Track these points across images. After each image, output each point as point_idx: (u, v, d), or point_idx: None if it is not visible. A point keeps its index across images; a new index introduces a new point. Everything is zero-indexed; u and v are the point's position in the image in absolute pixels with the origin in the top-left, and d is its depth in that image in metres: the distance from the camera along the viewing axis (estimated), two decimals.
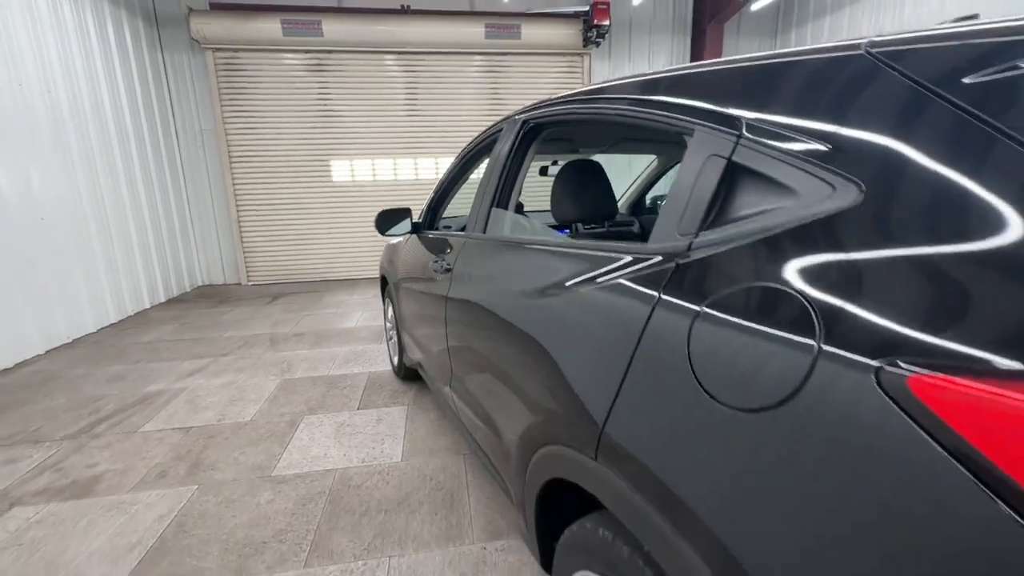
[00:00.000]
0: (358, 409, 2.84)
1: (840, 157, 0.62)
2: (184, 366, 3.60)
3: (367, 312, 5.09)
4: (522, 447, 1.16)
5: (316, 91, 6.31)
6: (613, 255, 0.95)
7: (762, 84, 0.78)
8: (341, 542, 1.77)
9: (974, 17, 0.98)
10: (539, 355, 1.09)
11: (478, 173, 2.04)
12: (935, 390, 0.45)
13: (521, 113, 1.62)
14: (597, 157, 2.69)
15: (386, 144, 6.62)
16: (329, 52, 6.19)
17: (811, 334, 0.56)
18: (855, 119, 0.63)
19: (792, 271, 0.61)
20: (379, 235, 2.52)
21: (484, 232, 1.63)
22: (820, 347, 0.55)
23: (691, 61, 7.10)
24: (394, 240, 3.12)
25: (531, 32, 6.30)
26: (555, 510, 1.13)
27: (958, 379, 0.44)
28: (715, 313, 0.68)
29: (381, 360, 3.64)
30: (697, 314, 0.71)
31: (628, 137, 2.44)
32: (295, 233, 6.67)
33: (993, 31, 0.56)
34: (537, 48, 6.53)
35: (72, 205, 4.38)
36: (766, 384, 0.59)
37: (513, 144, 1.59)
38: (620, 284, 0.89)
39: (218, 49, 5.96)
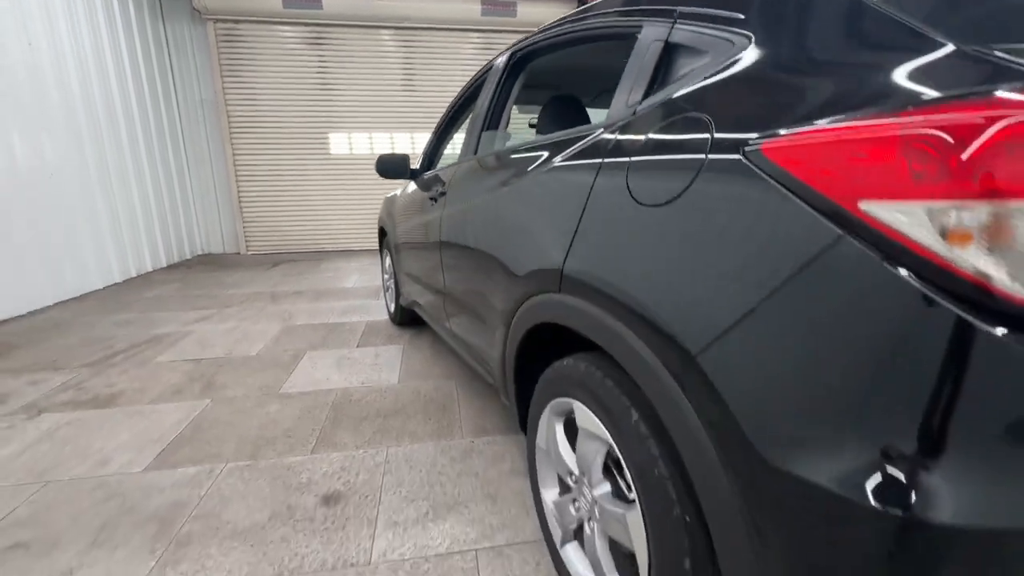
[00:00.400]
0: (357, 347, 3.04)
1: (738, 23, 0.83)
2: (189, 315, 3.79)
3: (364, 276, 5.28)
4: (505, 315, 1.37)
5: (315, 64, 6.44)
6: (578, 136, 1.15)
7: None
8: (344, 437, 1.97)
9: None
10: (515, 230, 1.29)
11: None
12: (777, 146, 0.65)
13: (510, 48, 1.82)
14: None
15: (383, 119, 6.77)
16: (328, 26, 6.32)
17: (705, 138, 0.76)
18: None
19: (698, 103, 0.82)
20: (376, 206, 2.70)
21: (475, 153, 1.83)
22: (713, 136, 0.75)
23: None
24: (391, 193, 3.31)
25: (527, 11, 6.45)
26: (531, 378, 1.34)
27: (790, 134, 0.64)
28: (646, 148, 0.89)
29: (378, 312, 3.84)
30: (636, 152, 0.91)
31: (600, 65, 2.47)
32: (294, 204, 6.82)
33: None
34: (532, 27, 6.68)
35: (78, 168, 4.52)
36: (676, 182, 0.79)
37: (502, 74, 1.78)
38: (576, 156, 1.10)
39: (219, 20, 6.07)
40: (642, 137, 0.92)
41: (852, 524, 0.55)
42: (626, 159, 0.93)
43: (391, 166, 2.56)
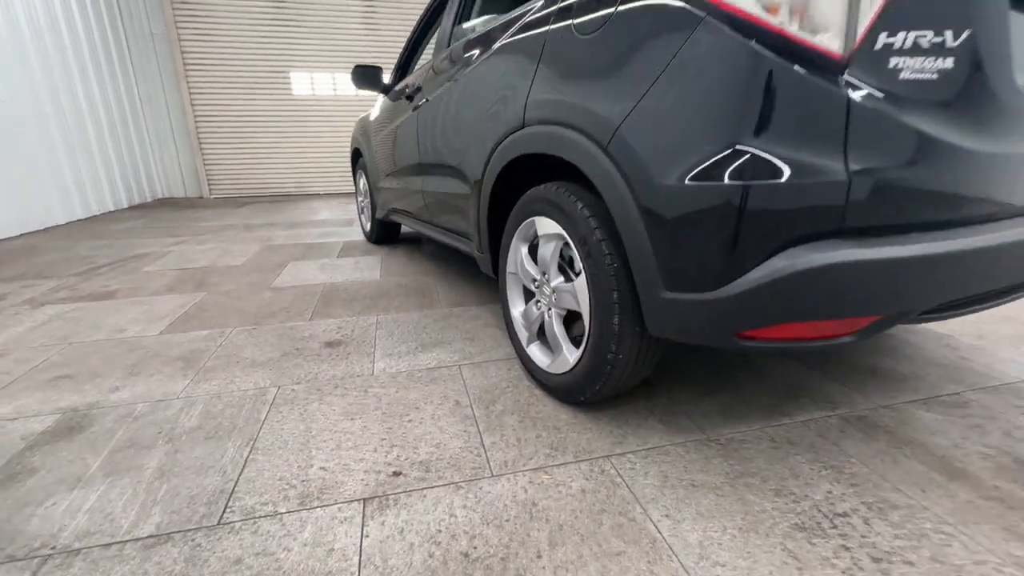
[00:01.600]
0: (337, 257, 3.26)
1: None
2: (166, 240, 3.88)
3: (335, 211, 5.40)
4: (480, 178, 1.65)
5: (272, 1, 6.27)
6: (524, 18, 1.42)
7: None
8: (337, 310, 2.24)
9: None
10: (480, 106, 1.56)
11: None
12: None
13: None
14: None
15: (346, 58, 6.70)
16: None
17: None
18: None
19: None
20: (343, 148, 2.86)
21: (447, 48, 2.05)
22: None
23: None
24: (363, 115, 3.46)
25: None
26: (498, 234, 1.63)
27: None
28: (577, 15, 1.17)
29: (354, 234, 4.03)
30: (569, 16, 1.19)
31: None
32: (258, 146, 6.74)
33: None
34: None
35: (32, 98, 4.38)
36: (598, 20, 1.08)
37: None
38: (528, 27, 1.37)
39: None
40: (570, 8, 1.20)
41: (701, 202, 0.88)
42: (564, 10, 1.21)
43: (366, 77, 2.73)
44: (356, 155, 3.68)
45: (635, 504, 1.04)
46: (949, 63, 0.83)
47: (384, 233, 3.45)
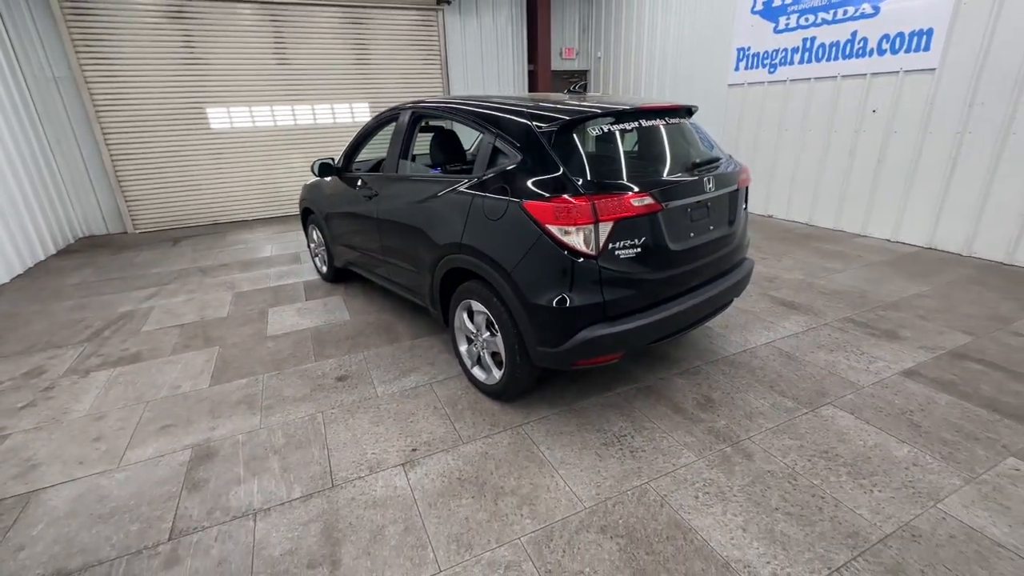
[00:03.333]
0: (306, 301, 4.11)
1: (515, 147, 2.21)
2: (136, 295, 4.41)
3: (277, 244, 6.03)
4: (432, 268, 2.69)
5: (180, 39, 6.51)
6: (459, 178, 2.48)
7: (503, 109, 2.32)
8: (331, 351, 3.19)
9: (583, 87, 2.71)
10: (432, 226, 2.61)
11: (384, 134, 3.37)
12: (528, 204, 2.06)
13: (412, 104, 3.00)
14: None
15: (261, 92, 7.11)
16: (189, 0, 6.38)
17: (507, 195, 2.15)
18: (521, 130, 2.20)
19: (502, 176, 2.20)
20: (273, 177, 3.71)
21: (396, 172, 3.04)
22: (511, 193, 2.15)
23: (527, 13, 8.52)
24: (311, 181, 4.27)
25: None
26: (446, 296, 2.70)
27: (530, 201, 2.05)
28: (484, 191, 2.26)
29: (308, 273, 4.82)
30: (481, 190, 2.28)
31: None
32: (179, 180, 7.00)
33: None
34: (393, 3, 7.38)
35: None
36: (500, 211, 2.19)
37: (408, 122, 2.98)
38: (463, 191, 2.44)
39: None
40: (487, 187, 2.28)
41: (549, 312, 2.05)
42: (482, 196, 2.30)
43: (326, 168, 3.60)
44: (307, 212, 4.47)
45: (533, 445, 2.22)
46: (639, 249, 2.05)
47: (339, 274, 4.33)
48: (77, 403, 2.71)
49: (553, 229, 1.99)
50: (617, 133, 2.25)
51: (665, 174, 2.27)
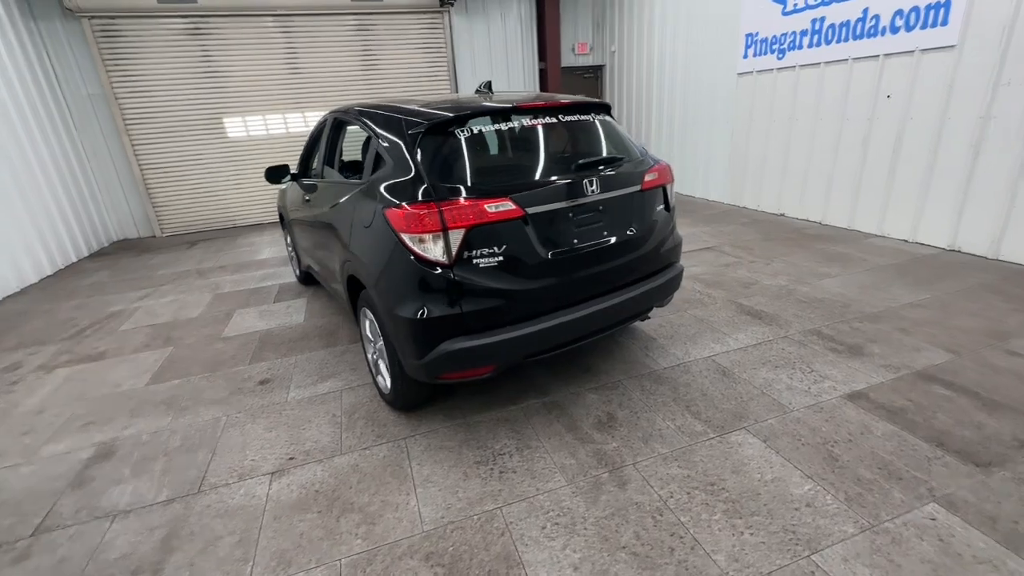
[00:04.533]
0: (273, 303, 4.24)
1: (388, 148, 2.13)
2: (131, 295, 4.74)
3: (275, 248, 6.29)
4: (340, 274, 2.68)
5: (199, 54, 6.93)
6: (355, 183, 2.44)
7: (383, 111, 2.26)
8: (268, 354, 3.26)
9: (488, 86, 2.55)
10: (336, 232, 2.59)
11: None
12: (388, 211, 1.99)
13: (335, 110, 3.00)
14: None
15: (274, 101, 7.44)
16: (206, 17, 6.78)
17: (377, 201, 2.09)
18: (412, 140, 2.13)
19: (375, 182, 2.14)
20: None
21: (323, 178, 3.05)
22: (381, 200, 2.08)
23: (536, 11, 8.37)
24: (282, 186, 4.39)
25: None
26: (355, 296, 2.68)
27: (390, 208, 1.98)
28: (363, 197, 2.21)
29: (288, 276, 4.98)
30: (362, 196, 2.23)
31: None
32: (201, 186, 7.47)
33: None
34: (399, 8, 7.48)
35: None
36: (371, 216, 2.12)
37: (330, 128, 2.98)
38: (351, 197, 2.40)
39: (93, 17, 6.38)
40: (366, 194, 2.23)
41: (407, 323, 1.96)
42: (362, 203, 2.25)
43: (275, 173, 3.68)
44: (282, 217, 4.62)
45: (407, 459, 2.14)
46: (501, 257, 1.92)
47: (309, 277, 4.44)
48: (30, 398, 2.93)
49: (406, 237, 1.90)
50: (492, 134, 2.13)
51: (540, 176, 2.12)
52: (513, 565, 1.61)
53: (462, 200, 1.88)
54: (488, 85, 2.69)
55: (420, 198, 1.89)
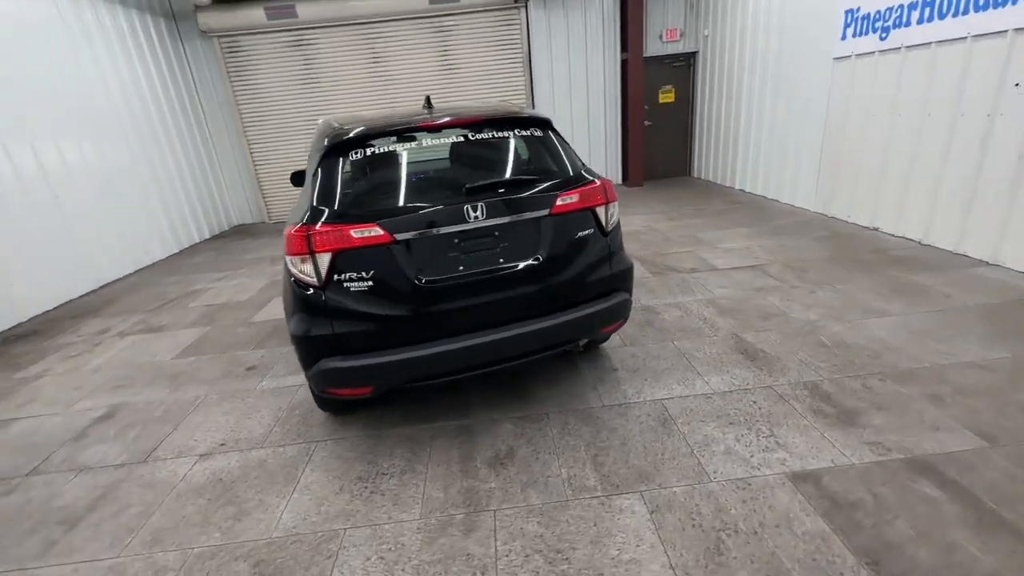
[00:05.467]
0: None
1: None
2: (214, 275, 5.60)
3: None
4: None
5: (301, 63, 7.82)
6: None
7: (316, 133, 2.36)
8: (273, 342, 3.63)
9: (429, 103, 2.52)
10: None
11: None
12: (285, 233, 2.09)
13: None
14: None
15: (361, 102, 8.11)
16: (305, 29, 7.60)
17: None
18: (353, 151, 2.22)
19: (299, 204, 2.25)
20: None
21: None
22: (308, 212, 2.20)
23: (620, 12, 7.89)
24: None
25: None
26: None
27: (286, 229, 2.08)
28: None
29: None
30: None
31: None
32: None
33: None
34: (475, 7, 7.59)
35: (132, 168, 6.34)
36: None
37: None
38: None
39: (221, 36, 7.54)
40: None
41: (292, 339, 2.06)
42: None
43: (299, 178, 4.04)
44: None
45: (305, 463, 2.27)
46: (370, 282, 1.92)
47: None
48: (97, 358, 3.66)
49: (287, 258, 1.99)
50: (388, 155, 2.10)
51: (428, 200, 2.06)
52: None
53: (329, 225, 1.91)
54: (428, 100, 2.65)
55: (304, 220, 1.96)
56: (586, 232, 2.20)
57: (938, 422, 2.13)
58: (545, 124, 2.33)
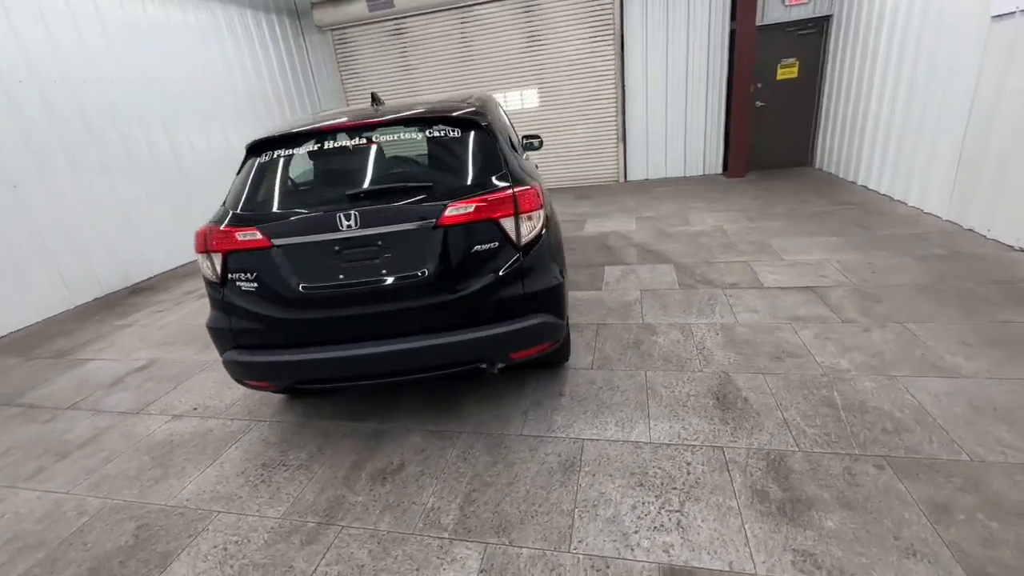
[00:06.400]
0: None
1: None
2: None
3: None
4: None
5: (397, 51, 8.25)
6: None
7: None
8: None
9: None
10: None
11: None
12: None
13: None
14: None
15: (450, 84, 8.31)
16: (402, 18, 7.97)
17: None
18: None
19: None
20: None
21: None
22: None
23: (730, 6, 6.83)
24: None
25: None
26: None
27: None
28: None
29: None
30: None
31: None
32: None
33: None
34: None
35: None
36: None
37: None
38: None
39: (333, 29, 8.27)
40: None
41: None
42: None
43: None
44: None
45: (238, 441, 2.47)
46: (255, 284, 1.97)
47: None
48: (171, 317, 4.39)
49: (198, 255, 2.14)
50: (289, 158, 2.11)
51: (309, 205, 2.03)
52: (161, 567, 1.79)
53: (221, 227, 1.99)
54: (374, 98, 2.56)
55: (211, 220, 2.09)
56: (488, 246, 1.98)
57: (919, 546, 1.54)
58: (469, 124, 2.13)
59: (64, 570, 1.81)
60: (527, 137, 4.31)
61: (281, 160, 2.15)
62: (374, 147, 2.12)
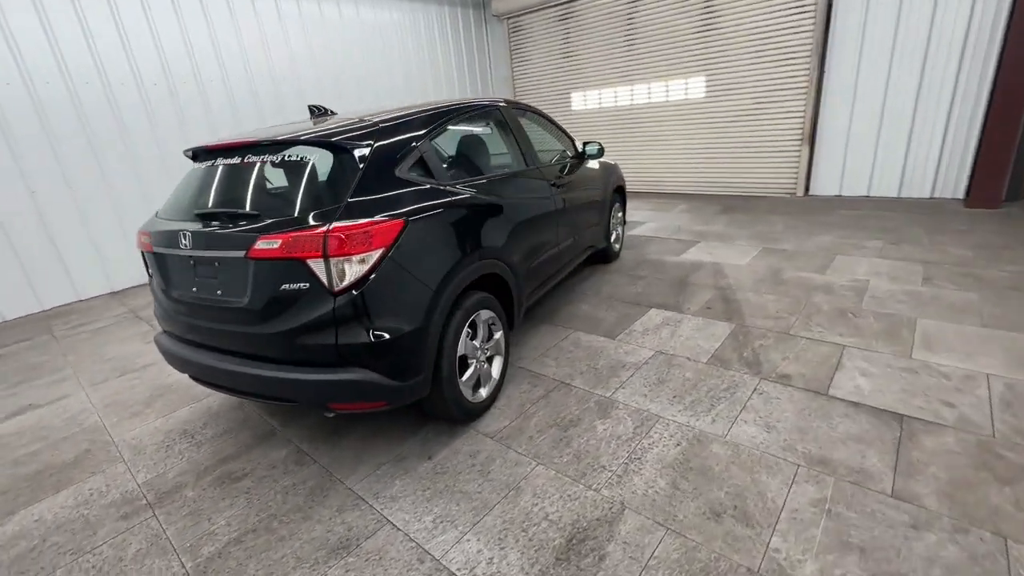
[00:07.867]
0: None
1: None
2: None
3: None
4: None
5: (561, 38, 7.97)
6: None
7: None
8: None
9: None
10: None
11: None
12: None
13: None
14: None
15: (612, 76, 7.69)
16: (572, 1, 7.62)
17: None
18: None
19: None
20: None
21: None
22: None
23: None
24: None
25: None
26: None
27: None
28: None
29: None
30: None
31: None
32: None
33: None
34: None
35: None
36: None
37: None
38: None
39: (509, 18, 8.45)
40: None
41: None
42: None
43: None
44: None
45: (205, 428, 2.92)
46: (154, 282, 2.23)
47: None
48: None
49: None
50: (195, 171, 2.27)
51: (178, 217, 2.15)
52: (79, 545, 2.26)
53: (142, 228, 2.29)
54: (312, 110, 2.46)
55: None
56: (296, 286, 1.81)
57: None
58: (335, 149, 1.93)
59: None
60: (586, 143, 3.78)
61: (191, 171, 2.34)
62: (244, 168, 2.11)
